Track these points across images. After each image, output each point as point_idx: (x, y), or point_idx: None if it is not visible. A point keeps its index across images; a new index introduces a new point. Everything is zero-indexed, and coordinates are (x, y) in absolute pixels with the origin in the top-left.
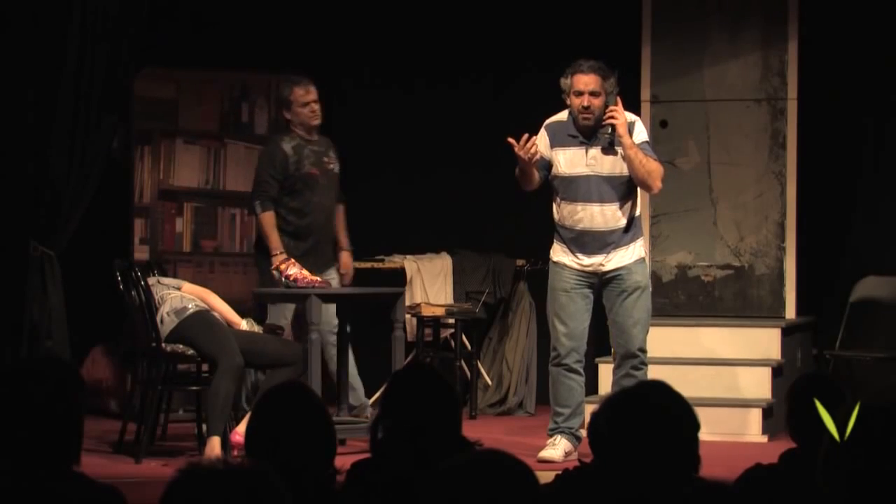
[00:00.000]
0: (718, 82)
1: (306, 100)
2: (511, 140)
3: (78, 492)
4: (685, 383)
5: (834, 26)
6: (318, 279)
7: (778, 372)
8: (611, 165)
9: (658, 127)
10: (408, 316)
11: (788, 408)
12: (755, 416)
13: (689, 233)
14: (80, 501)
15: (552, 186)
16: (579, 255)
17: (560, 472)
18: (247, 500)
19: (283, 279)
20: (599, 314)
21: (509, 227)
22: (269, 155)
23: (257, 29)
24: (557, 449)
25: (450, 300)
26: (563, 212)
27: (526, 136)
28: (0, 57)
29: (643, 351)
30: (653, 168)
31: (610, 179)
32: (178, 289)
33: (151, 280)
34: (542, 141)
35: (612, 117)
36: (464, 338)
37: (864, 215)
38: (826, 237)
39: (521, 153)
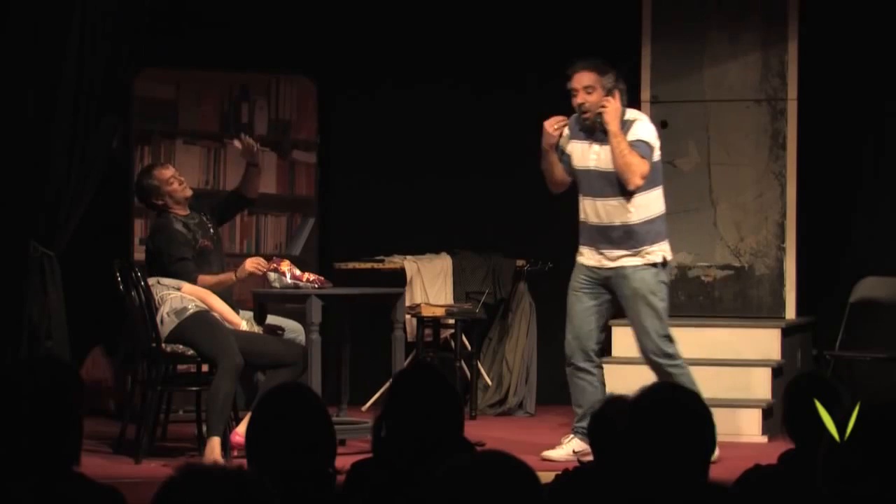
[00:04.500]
0: (718, 83)
1: (170, 176)
2: (547, 122)
3: (78, 492)
4: None
5: (834, 26)
6: (322, 278)
7: (778, 372)
8: (611, 161)
9: (658, 127)
10: (408, 316)
11: (785, 408)
12: (755, 416)
13: (689, 233)
14: (80, 501)
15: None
16: (588, 252)
17: (560, 472)
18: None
19: (293, 281)
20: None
21: (509, 227)
22: (171, 235)
23: (257, 29)
24: (562, 449)
25: (450, 300)
26: (580, 206)
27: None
28: (0, 57)
29: (659, 354)
30: (632, 161)
31: (609, 175)
32: (178, 289)
33: (151, 280)
34: (568, 129)
35: (603, 106)
36: (464, 338)
37: (864, 215)
38: (826, 237)
39: (547, 126)
